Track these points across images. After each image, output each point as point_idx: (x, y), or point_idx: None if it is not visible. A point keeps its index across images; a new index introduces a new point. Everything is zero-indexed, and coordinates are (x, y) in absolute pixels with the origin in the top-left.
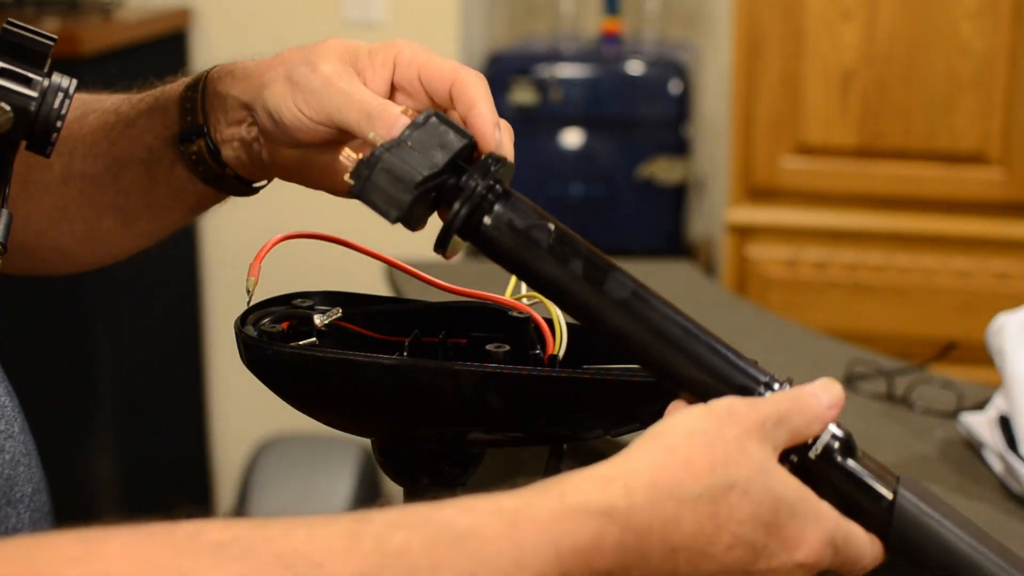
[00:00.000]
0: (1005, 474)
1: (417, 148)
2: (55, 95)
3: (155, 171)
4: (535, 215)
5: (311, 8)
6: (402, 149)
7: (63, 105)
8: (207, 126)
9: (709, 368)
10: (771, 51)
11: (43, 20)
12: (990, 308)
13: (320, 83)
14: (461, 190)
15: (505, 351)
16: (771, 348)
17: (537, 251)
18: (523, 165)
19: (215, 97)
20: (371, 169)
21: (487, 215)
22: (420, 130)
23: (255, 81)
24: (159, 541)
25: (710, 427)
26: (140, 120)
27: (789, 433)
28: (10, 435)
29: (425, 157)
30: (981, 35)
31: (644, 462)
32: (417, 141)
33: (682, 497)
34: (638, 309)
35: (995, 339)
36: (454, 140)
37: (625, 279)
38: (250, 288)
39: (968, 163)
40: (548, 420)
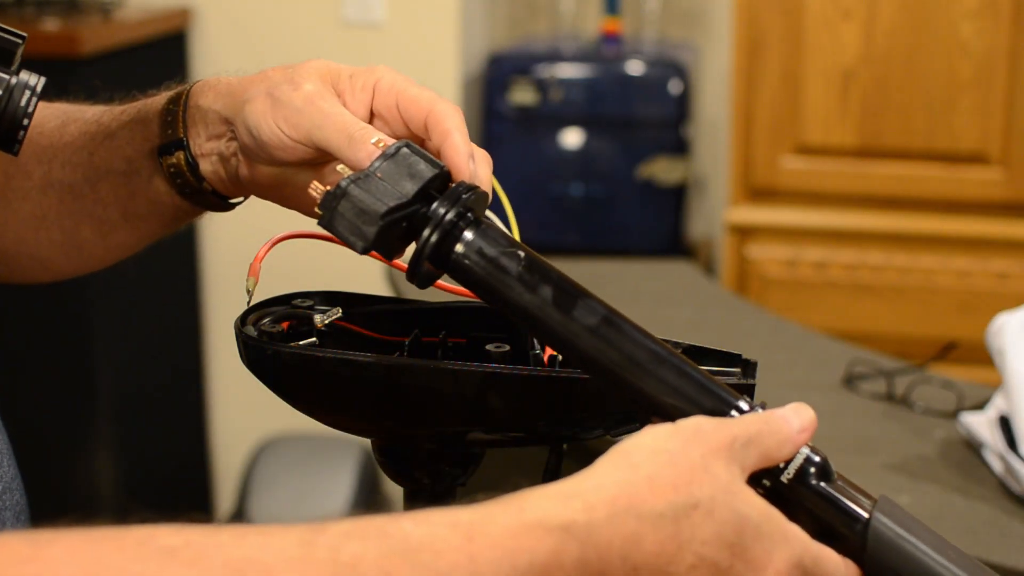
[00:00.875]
0: (1005, 474)
1: (386, 179)
2: (21, 93)
3: (133, 183)
4: (505, 242)
5: (311, 8)
6: (369, 181)
7: (30, 103)
8: (187, 140)
9: (679, 392)
10: (771, 51)
11: (43, 20)
12: (990, 308)
13: (301, 102)
14: (430, 218)
15: (505, 351)
16: (771, 348)
17: (507, 279)
18: (523, 165)
19: (196, 111)
20: (337, 201)
21: (458, 243)
22: (390, 161)
23: (237, 97)
24: (109, 544)
25: (676, 446)
26: (121, 131)
27: (759, 455)
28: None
29: (392, 188)
30: (981, 35)
31: (606, 479)
32: (386, 172)
33: (643, 515)
34: (607, 335)
35: (995, 339)
36: (424, 170)
37: (595, 304)
38: (250, 288)
39: (968, 163)
40: (548, 420)
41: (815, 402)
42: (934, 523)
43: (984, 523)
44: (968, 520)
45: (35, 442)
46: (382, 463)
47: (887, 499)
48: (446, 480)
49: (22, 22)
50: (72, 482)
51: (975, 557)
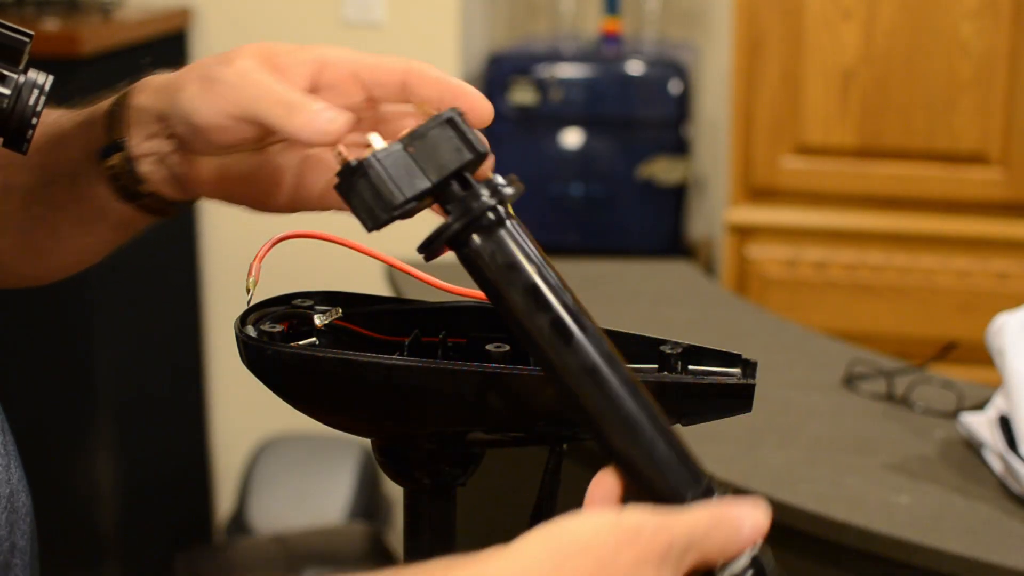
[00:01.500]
0: (1005, 474)
1: (417, 157)
2: (30, 91)
3: (80, 187)
4: (521, 254)
5: (311, 8)
6: (397, 158)
7: (38, 102)
8: (125, 141)
9: (650, 457)
10: (771, 51)
11: (43, 20)
12: (990, 308)
13: (235, 77)
14: (459, 202)
15: (505, 351)
16: (771, 348)
17: (509, 292)
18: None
19: (134, 111)
20: (356, 176)
21: (475, 236)
22: (431, 133)
23: (170, 90)
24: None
25: (610, 547)
26: (71, 134)
27: (698, 558)
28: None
29: (418, 171)
30: (981, 35)
31: (531, 568)
32: (420, 149)
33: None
34: (591, 380)
35: (995, 339)
36: (460, 154)
37: (590, 350)
38: (250, 288)
39: (968, 163)
40: (548, 420)
41: (815, 402)
42: (934, 523)
43: (984, 523)
44: (968, 520)
45: (35, 442)
46: (382, 463)
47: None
48: (446, 480)
49: (22, 22)
50: (72, 482)
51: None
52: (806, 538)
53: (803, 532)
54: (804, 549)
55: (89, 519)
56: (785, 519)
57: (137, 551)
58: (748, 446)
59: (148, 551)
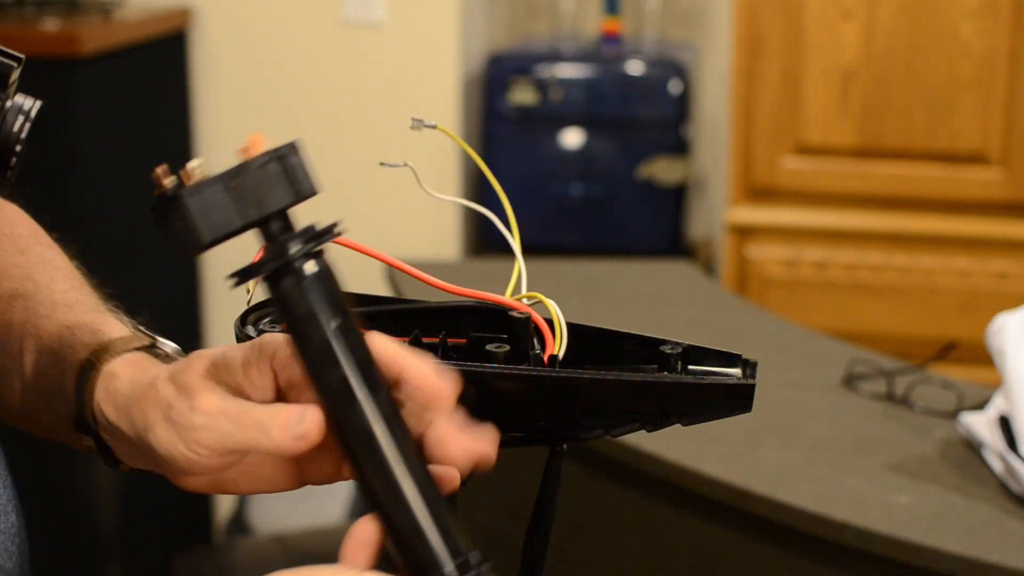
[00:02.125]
0: (1005, 474)
1: (238, 193)
2: (15, 116)
3: (51, 407)
4: (323, 306)
5: (311, 8)
6: (215, 193)
7: (23, 128)
8: (99, 433)
9: (409, 526)
10: (771, 51)
11: (43, 20)
12: (990, 308)
13: (204, 419)
14: (275, 244)
15: (505, 351)
16: (771, 348)
17: (305, 341)
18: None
19: (102, 417)
20: (169, 208)
21: (284, 279)
22: (256, 170)
23: (135, 421)
24: None
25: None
26: (44, 375)
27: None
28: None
29: (233, 210)
30: (981, 35)
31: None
32: (243, 185)
33: None
34: (362, 447)
35: (995, 339)
36: (285, 194)
37: (368, 414)
38: (250, 288)
39: (968, 163)
40: (548, 420)
41: (815, 402)
42: (934, 523)
43: (984, 523)
44: (968, 520)
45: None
46: None
47: None
48: None
49: (22, 22)
50: (72, 483)
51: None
52: (806, 538)
53: (803, 532)
54: (804, 549)
55: (89, 520)
56: (785, 519)
57: (137, 551)
58: (748, 446)
59: (148, 551)
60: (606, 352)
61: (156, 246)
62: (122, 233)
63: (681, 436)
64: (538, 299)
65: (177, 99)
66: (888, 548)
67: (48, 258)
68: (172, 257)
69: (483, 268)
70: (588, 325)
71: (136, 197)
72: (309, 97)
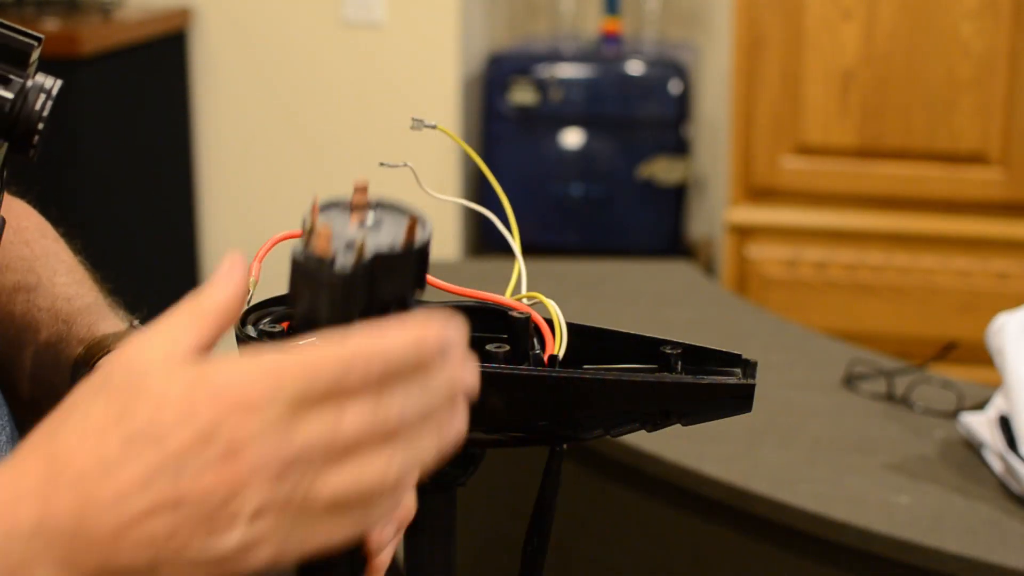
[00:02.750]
0: (1005, 474)
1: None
2: (36, 95)
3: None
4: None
5: (311, 8)
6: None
7: (45, 106)
8: None
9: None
10: (771, 51)
11: (43, 20)
12: (990, 308)
13: None
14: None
15: (505, 351)
16: (771, 348)
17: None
18: (523, 165)
19: None
20: (320, 275)
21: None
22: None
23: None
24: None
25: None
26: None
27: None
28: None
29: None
30: (981, 35)
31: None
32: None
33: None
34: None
35: (995, 339)
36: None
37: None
38: (250, 288)
39: (968, 163)
40: (548, 420)
41: (815, 402)
42: (934, 523)
43: (984, 523)
44: (968, 520)
45: None
46: None
47: None
48: (446, 480)
49: (22, 22)
50: None
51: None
52: (806, 538)
53: (803, 532)
54: (804, 549)
55: None
56: (785, 519)
57: None
58: (748, 446)
59: None
60: (606, 352)
61: (156, 245)
62: (122, 232)
63: (681, 436)
64: (538, 299)
65: (177, 99)
66: (888, 548)
67: (52, 251)
68: (171, 256)
69: (483, 268)
70: (588, 325)
71: (136, 196)
72: (309, 97)
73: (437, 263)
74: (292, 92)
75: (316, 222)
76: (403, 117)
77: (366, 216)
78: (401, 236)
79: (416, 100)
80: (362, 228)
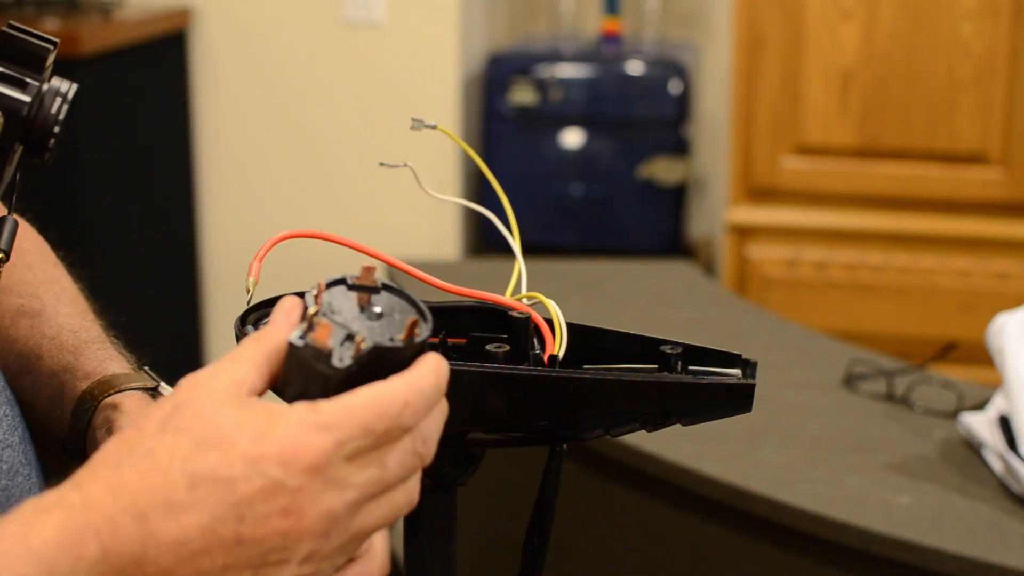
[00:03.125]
0: (1005, 474)
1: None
2: (52, 99)
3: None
4: None
5: (311, 8)
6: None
7: (60, 110)
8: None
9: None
10: (771, 51)
11: (43, 20)
12: (990, 308)
13: None
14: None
15: (505, 351)
16: (771, 348)
17: None
18: (523, 165)
19: (94, 446)
20: (317, 362)
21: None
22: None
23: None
24: None
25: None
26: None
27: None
28: (9, 445)
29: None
30: (981, 35)
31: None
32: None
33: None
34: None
35: (995, 339)
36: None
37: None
38: (250, 288)
39: (968, 163)
40: (548, 420)
41: (815, 402)
42: (934, 523)
43: (984, 523)
44: (968, 520)
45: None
46: None
47: None
48: (446, 480)
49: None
50: None
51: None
52: (806, 538)
53: (803, 532)
54: (804, 549)
55: None
56: (785, 519)
57: None
58: (748, 446)
59: None
60: (606, 352)
61: (156, 245)
62: (122, 232)
63: (681, 436)
64: (538, 299)
65: (177, 99)
66: (888, 548)
67: (55, 278)
68: (172, 258)
69: (483, 268)
70: (588, 325)
71: (136, 197)
72: (309, 97)
73: (437, 263)
74: (292, 92)
75: (319, 310)
76: (403, 117)
77: (370, 301)
78: (402, 332)
79: (416, 100)
80: (363, 317)
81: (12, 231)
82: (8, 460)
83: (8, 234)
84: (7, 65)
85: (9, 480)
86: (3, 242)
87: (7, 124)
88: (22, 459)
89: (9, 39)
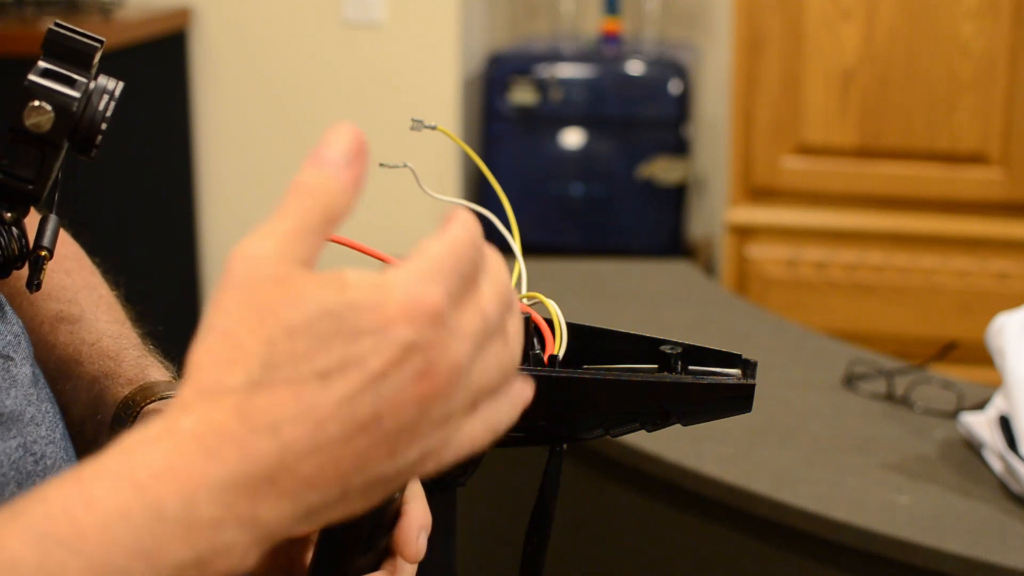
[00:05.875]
0: (1005, 474)
1: None
2: (100, 97)
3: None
4: None
5: (311, 8)
6: None
7: (108, 107)
8: None
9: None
10: (771, 51)
11: (43, 20)
12: (990, 308)
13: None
14: None
15: None
16: (771, 348)
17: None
18: (523, 165)
19: None
20: None
21: None
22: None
23: None
24: None
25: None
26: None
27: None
28: (51, 441)
29: None
30: (981, 35)
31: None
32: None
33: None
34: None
35: (995, 339)
36: None
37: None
38: None
39: (968, 163)
40: (548, 420)
41: (815, 402)
42: (934, 523)
43: (984, 523)
44: (968, 520)
45: None
46: None
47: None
48: (446, 480)
49: (22, 22)
50: None
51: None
52: (806, 538)
53: (803, 532)
54: (804, 549)
55: None
56: (785, 519)
57: None
58: (748, 446)
59: None
60: (606, 352)
61: (156, 245)
62: (122, 232)
63: (681, 436)
64: (538, 299)
65: (177, 99)
66: (888, 548)
67: (93, 284)
68: (171, 256)
69: None
70: (588, 325)
71: (136, 196)
72: (309, 97)
73: None
74: (292, 92)
75: None
76: (403, 117)
77: None
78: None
79: (416, 100)
80: None
81: (55, 229)
82: (52, 456)
83: (51, 232)
84: (56, 63)
85: (53, 476)
86: (47, 239)
87: (57, 121)
88: (63, 455)
89: (57, 37)
